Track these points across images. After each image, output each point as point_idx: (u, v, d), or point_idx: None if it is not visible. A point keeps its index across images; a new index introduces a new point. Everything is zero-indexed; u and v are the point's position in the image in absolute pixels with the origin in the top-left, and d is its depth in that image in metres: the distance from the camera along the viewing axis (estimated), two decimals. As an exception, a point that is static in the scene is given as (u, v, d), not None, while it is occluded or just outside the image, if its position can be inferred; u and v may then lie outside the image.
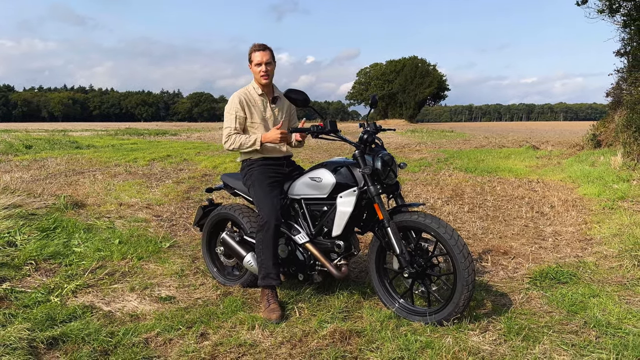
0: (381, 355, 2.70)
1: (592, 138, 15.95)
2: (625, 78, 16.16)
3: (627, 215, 6.57)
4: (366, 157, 3.35)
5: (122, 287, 4.04)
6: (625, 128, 12.63)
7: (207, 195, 5.39)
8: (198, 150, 17.29)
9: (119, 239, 5.23)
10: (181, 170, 11.52)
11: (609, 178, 9.56)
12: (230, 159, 13.85)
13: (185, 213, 6.95)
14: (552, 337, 2.92)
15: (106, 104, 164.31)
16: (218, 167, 12.02)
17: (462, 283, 3.02)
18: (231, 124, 3.74)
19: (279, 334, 3.10)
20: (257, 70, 3.75)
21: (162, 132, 34.12)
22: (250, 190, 3.78)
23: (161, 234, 5.62)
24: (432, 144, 20.59)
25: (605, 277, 4.16)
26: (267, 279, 3.51)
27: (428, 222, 3.14)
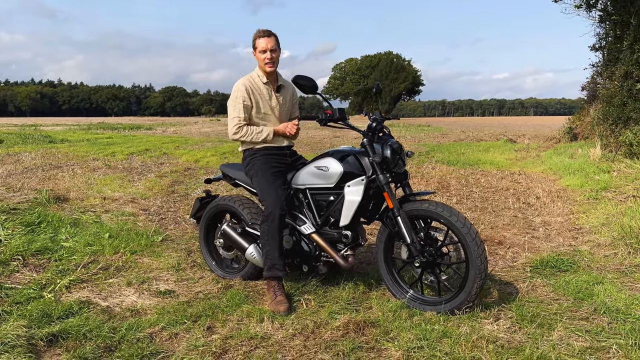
0: (399, 345, 2.66)
1: (568, 131, 16.25)
2: (599, 72, 16.51)
3: (612, 205, 6.68)
4: (375, 145, 3.30)
5: (118, 282, 3.90)
6: (602, 121, 12.90)
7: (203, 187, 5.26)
8: (177, 144, 16.99)
9: (108, 233, 5.06)
10: (162, 164, 11.30)
11: (590, 170, 9.74)
12: (212, 153, 13.65)
13: (173, 207, 6.80)
14: (565, 323, 2.92)
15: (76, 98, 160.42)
16: (200, 161, 11.83)
17: (474, 271, 2.99)
18: (240, 114, 3.63)
19: (290, 326, 3.03)
20: (262, 58, 3.65)
21: (137, 126, 33.49)
22: (253, 181, 3.69)
23: (152, 227, 5.47)
24: (412, 138, 20.71)
25: (602, 264, 4.20)
26: (272, 270, 3.43)
27: (440, 210, 3.10)
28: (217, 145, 16.66)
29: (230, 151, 14.33)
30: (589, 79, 16.68)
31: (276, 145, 3.76)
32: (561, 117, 79.91)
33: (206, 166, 11.11)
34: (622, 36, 12.50)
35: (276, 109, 3.78)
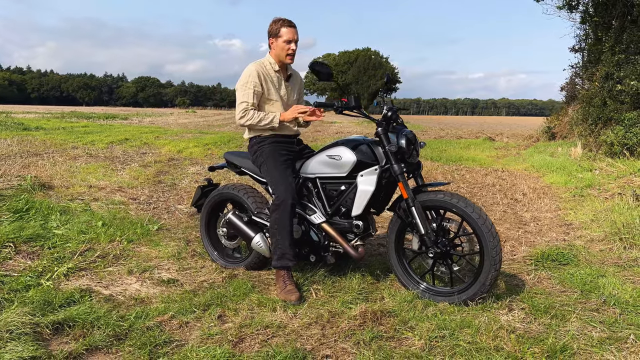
0: (420, 334, 2.65)
1: (546, 130, 16.57)
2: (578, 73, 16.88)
3: (598, 202, 6.83)
4: (390, 134, 3.27)
5: (118, 270, 3.79)
6: (582, 121, 13.18)
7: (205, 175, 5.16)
8: (156, 134, 16.68)
9: (101, 221, 4.92)
10: (145, 154, 11.07)
11: (572, 168, 9.93)
12: (194, 144, 13.45)
13: (162, 196, 6.67)
14: (578, 315, 2.95)
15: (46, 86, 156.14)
16: (182, 152, 11.63)
17: (489, 262, 3.00)
18: (248, 99, 3.55)
19: (304, 315, 2.99)
20: (286, 48, 3.57)
21: (112, 116, 32.81)
22: (261, 169, 3.62)
23: (145, 216, 5.35)
24: (393, 134, 20.82)
25: (600, 258, 4.28)
26: (283, 260, 3.38)
27: (455, 201, 3.10)
28: (198, 137, 16.43)
29: (213, 142, 14.15)
30: (568, 80, 17.01)
31: (284, 134, 3.70)
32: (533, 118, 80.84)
33: (190, 157, 10.94)
34: (603, 38, 12.78)
35: (285, 98, 3.72)
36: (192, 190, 7.14)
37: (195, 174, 8.68)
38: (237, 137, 16.73)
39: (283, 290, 3.29)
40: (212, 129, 23.00)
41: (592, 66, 13.20)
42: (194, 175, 8.46)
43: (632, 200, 6.66)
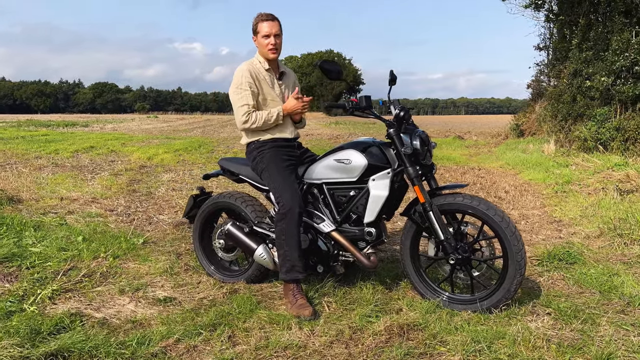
0: (455, 349, 2.48)
1: (515, 128, 16.82)
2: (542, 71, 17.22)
3: (582, 198, 6.87)
4: (402, 136, 3.10)
5: (109, 290, 3.49)
6: (552, 118, 13.40)
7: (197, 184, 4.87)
8: (121, 141, 16.11)
9: (81, 236, 4.58)
10: (113, 162, 10.62)
11: (548, 164, 10.04)
12: (163, 150, 13.01)
13: (140, 207, 6.32)
14: (609, 318, 2.85)
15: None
16: (153, 159, 11.22)
17: (514, 267, 2.86)
18: (248, 101, 3.32)
19: (323, 332, 2.78)
20: (265, 43, 3.37)
21: (71, 123, 31.64)
22: (262, 175, 3.39)
23: (128, 229, 5.02)
24: (363, 135, 20.75)
25: (604, 256, 4.22)
26: (292, 273, 3.16)
27: (475, 204, 2.95)
28: (166, 142, 15.95)
29: (183, 148, 13.74)
30: (533, 78, 17.33)
31: (284, 137, 3.49)
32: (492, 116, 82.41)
33: (162, 163, 10.54)
34: (570, 35, 13.03)
35: (279, 97, 3.51)
36: (171, 198, 6.83)
37: (171, 181, 8.33)
38: (207, 142, 16.35)
39: (294, 305, 3.07)
40: (178, 134, 22.45)
41: (560, 63, 13.45)
42: (169, 183, 8.12)
43: (616, 195, 6.72)
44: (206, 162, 11.09)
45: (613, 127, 9.82)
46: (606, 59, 10.11)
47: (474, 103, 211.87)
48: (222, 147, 15.03)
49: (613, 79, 9.98)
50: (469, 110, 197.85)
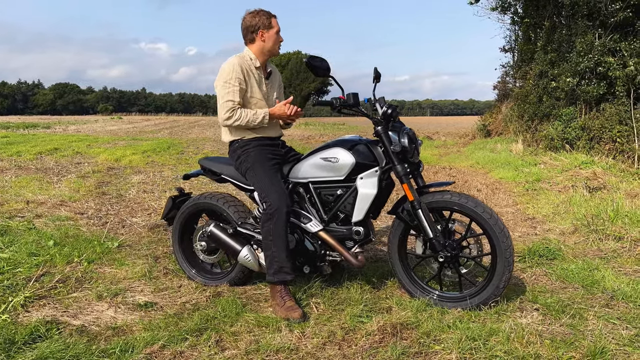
0: (450, 347, 2.46)
1: (482, 128, 17.12)
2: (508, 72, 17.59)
3: (553, 195, 7.01)
4: (390, 133, 3.07)
5: (85, 296, 3.35)
6: (518, 118, 13.69)
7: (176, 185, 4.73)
8: (87, 143, 15.64)
9: (52, 240, 4.39)
10: (80, 164, 10.28)
11: (517, 163, 10.23)
12: (131, 151, 12.69)
13: (111, 209, 6.12)
14: (595, 313, 2.89)
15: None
16: (121, 160, 10.92)
17: (503, 264, 2.87)
18: (234, 97, 3.22)
19: (314, 334, 2.72)
20: (278, 39, 3.37)
21: (32, 124, 30.55)
22: (247, 175, 3.31)
23: (100, 233, 4.84)
24: (334, 136, 20.78)
25: (581, 251, 4.30)
26: (280, 274, 3.09)
27: (464, 201, 2.95)
28: (133, 144, 15.57)
29: (151, 150, 13.44)
30: (499, 79, 17.68)
31: (269, 135, 3.41)
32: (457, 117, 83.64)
33: (130, 165, 10.27)
34: (535, 37, 13.34)
35: (266, 97, 3.43)
36: (143, 201, 6.64)
37: (141, 183, 8.12)
38: (176, 144, 16.05)
39: (282, 307, 3.00)
40: (145, 135, 21.97)
41: (525, 65, 13.75)
42: (140, 185, 7.90)
43: (586, 192, 6.90)
44: (176, 163, 10.87)
45: (579, 127, 10.08)
46: (571, 60, 10.38)
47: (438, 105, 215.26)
48: (192, 148, 14.79)
49: (578, 80, 10.25)
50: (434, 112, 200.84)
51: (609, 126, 9.39)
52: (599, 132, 9.63)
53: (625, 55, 9.24)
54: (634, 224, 4.77)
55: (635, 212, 5.10)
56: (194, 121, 42.49)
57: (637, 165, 8.44)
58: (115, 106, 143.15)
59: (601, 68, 9.67)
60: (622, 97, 9.30)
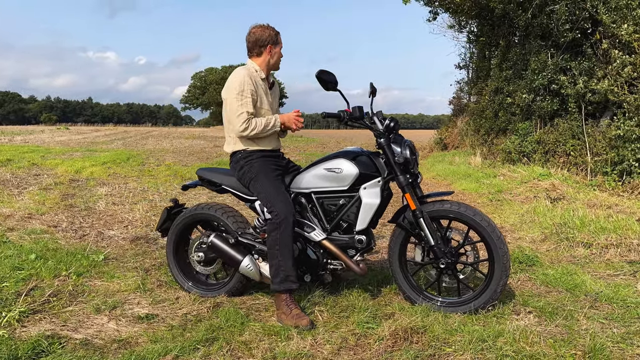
0: (462, 348, 2.58)
1: (439, 141, 17.66)
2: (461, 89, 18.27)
3: (517, 206, 7.35)
4: (393, 145, 3.20)
5: (82, 309, 3.28)
6: (474, 132, 14.23)
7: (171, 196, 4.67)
8: (40, 154, 15.05)
9: (34, 253, 4.25)
10: (38, 176, 9.92)
11: (478, 175, 10.64)
12: (90, 163, 12.33)
13: (84, 222, 5.97)
14: (585, 314, 3.09)
15: None
16: (82, 172, 10.60)
17: (500, 269, 3.04)
18: (249, 108, 3.27)
19: (326, 341, 2.79)
20: (281, 56, 3.51)
21: (-27, 135, 29.10)
22: (251, 185, 3.35)
23: (80, 246, 4.73)
24: (294, 148, 20.88)
25: (555, 258, 4.56)
26: (286, 283, 3.14)
27: (463, 210, 3.11)
28: (89, 155, 15.12)
29: (111, 161, 13.10)
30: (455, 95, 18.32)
31: (271, 148, 3.48)
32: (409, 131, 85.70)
33: (92, 177, 9.99)
34: (490, 55, 13.96)
35: (271, 106, 3.52)
36: (115, 213, 6.50)
37: (109, 195, 7.93)
38: (134, 155, 15.70)
39: (289, 316, 3.05)
40: (98, 146, 21.33)
41: (481, 81, 14.34)
42: (107, 197, 7.72)
43: (548, 202, 7.27)
44: (139, 175, 10.67)
45: (535, 141, 10.60)
46: (526, 77, 10.93)
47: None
48: (152, 159, 14.51)
49: (533, 96, 10.80)
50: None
51: (563, 140, 9.93)
52: (554, 145, 10.16)
53: (575, 74, 9.83)
54: (599, 232, 5.08)
55: (598, 221, 5.44)
56: (145, 132, 41.52)
57: (589, 177, 8.96)
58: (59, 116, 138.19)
59: (554, 85, 10.23)
60: (574, 113, 9.86)
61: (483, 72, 14.32)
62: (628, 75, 8.08)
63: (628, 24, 8.14)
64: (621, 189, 7.94)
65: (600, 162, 8.83)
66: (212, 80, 76.84)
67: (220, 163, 13.38)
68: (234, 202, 6.41)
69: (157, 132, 42.54)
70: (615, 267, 4.18)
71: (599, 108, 9.81)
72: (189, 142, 25.63)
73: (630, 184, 7.87)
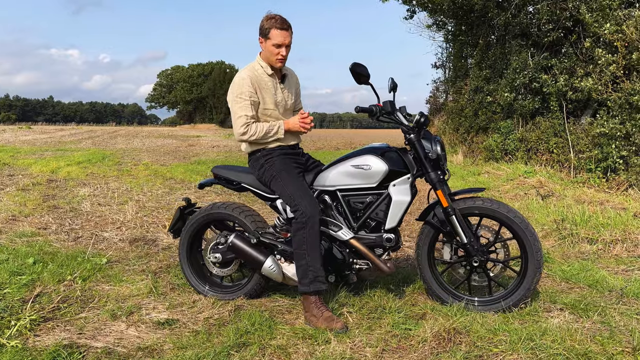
0: (511, 348, 2.52)
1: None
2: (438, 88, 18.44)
3: (508, 202, 7.40)
4: (423, 141, 3.12)
5: (97, 316, 3.10)
6: (454, 130, 14.36)
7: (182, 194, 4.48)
8: (10, 153, 14.46)
9: (32, 257, 4.01)
10: (13, 176, 9.49)
11: (463, 173, 10.73)
12: (65, 162, 11.89)
13: (74, 223, 5.71)
14: (616, 309, 3.08)
15: None
16: (57, 172, 10.21)
17: (534, 266, 3.00)
18: (247, 112, 3.15)
19: (365, 343, 2.69)
20: (275, 52, 3.19)
21: None
22: (272, 184, 3.22)
23: (78, 249, 4.50)
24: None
25: (564, 254, 4.57)
26: (315, 284, 3.02)
27: (496, 207, 3.06)
28: (61, 155, 14.60)
29: (87, 160, 12.68)
30: (431, 94, 18.48)
31: (291, 144, 3.36)
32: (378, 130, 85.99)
33: (70, 177, 9.62)
34: (469, 55, 14.10)
35: (281, 104, 3.36)
36: (102, 214, 6.25)
37: (92, 195, 7.63)
38: (108, 154, 15.25)
39: (321, 318, 2.93)
40: (66, 145, 20.64)
41: (460, 80, 14.46)
42: (91, 198, 7.43)
43: (540, 199, 7.36)
44: (119, 174, 10.33)
45: (517, 139, 10.75)
46: (507, 76, 11.06)
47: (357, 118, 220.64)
48: (127, 159, 14.10)
49: (515, 95, 10.94)
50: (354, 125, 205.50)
51: (545, 138, 10.09)
52: (536, 143, 10.32)
53: (557, 73, 10.00)
54: (601, 228, 5.14)
55: (597, 217, 5.50)
56: (112, 131, 40.46)
57: (573, 174, 9.13)
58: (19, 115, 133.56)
59: (536, 84, 10.39)
60: (556, 111, 10.04)
61: (461, 71, 14.45)
62: (612, 74, 8.25)
63: (610, 23, 8.30)
64: (606, 186, 8.11)
65: (583, 159, 8.99)
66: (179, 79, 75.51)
67: (200, 162, 13.11)
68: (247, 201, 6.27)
69: (124, 131, 41.50)
70: (625, 262, 4.22)
71: (579, 106, 10.02)
72: (161, 141, 25.09)
73: (615, 180, 8.04)
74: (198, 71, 72.90)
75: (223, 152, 17.21)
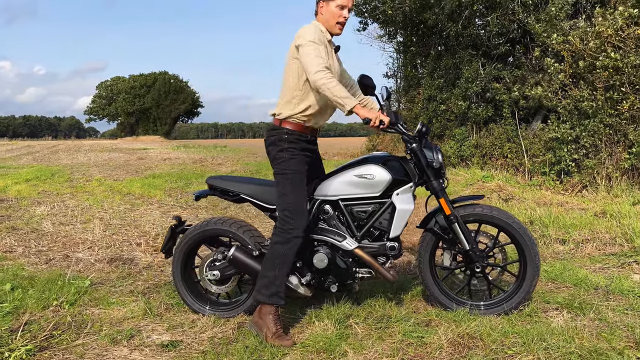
0: (527, 350, 2.60)
1: (371, 148, 18.03)
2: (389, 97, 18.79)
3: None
4: (425, 150, 3.19)
5: (95, 342, 2.96)
6: (409, 138, 14.66)
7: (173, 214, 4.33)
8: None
9: (9, 283, 3.78)
10: (-44, 197, 8.90)
11: (422, 179, 10.98)
12: (13, 180, 11.26)
13: (39, 245, 5.43)
14: (607, 307, 3.24)
15: None
16: (6, 191, 9.68)
17: (532, 270, 3.12)
18: (324, 56, 2.92)
19: (382, 354, 2.70)
20: (337, 14, 3.03)
21: None
22: (278, 175, 3.11)
23: (55, 271, 4.27)
24: (225, 158, 20.35)
25: (548, 254, 4.75)
26: (275, 297, 3.02)
27: (495, 213, 3.17)
28: (5, 172, 13.83)
29: (35, 178, 12.06)
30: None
31: (318, 126, 3.24)
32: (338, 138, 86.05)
33: (21, 196, 9.13)
34: (421, 65, 14.50)
35: (336, 72, 3.15)
36: (69, 234, 5.96)
37: (50, 215, 7.27)
38: (57, 171, 14.56)
39: (274, 335, 2.92)
40: (7, 162, 19.57)
41: (413, 90, 14.84)
42: (50, 217, 7.07)
43: (502, 202, 7.65)
44: (74, 192, 9.90)
45: (472, 145, 11.14)
46: (460, 86, 11.46)
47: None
48: (78, 174, 13.52)
49: (468, 103, 11.35)
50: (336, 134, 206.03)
51: (499, 144, 10.52)
52: (490, 149, 10.73)
53: (508, 82, 10.46)
54: (568, 228, 5.40)
55: (563, 218, 5.78)
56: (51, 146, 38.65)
57: (528, 177, 9.55)
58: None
59: (488, 93, 10.82)
60: (508, 118, 10.48)
61: (414, 80, 14.83)
62: (561, 82, 8.71)
63: (557, 34, 8.78)
64: (561, 188, 8.54)
65: (537, 163, 9.43)
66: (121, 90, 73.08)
67: (155, 176, 12.75)
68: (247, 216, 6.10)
69: (64, 145, 39.74)
70: (599, 260, 4.45)
71: (530, 112, 10.51)
72: (106, 155, 24.18)
73: (569, 182, 8.48)
74: (140, 82, 70.85)
75: (177, 165, 16.82)
